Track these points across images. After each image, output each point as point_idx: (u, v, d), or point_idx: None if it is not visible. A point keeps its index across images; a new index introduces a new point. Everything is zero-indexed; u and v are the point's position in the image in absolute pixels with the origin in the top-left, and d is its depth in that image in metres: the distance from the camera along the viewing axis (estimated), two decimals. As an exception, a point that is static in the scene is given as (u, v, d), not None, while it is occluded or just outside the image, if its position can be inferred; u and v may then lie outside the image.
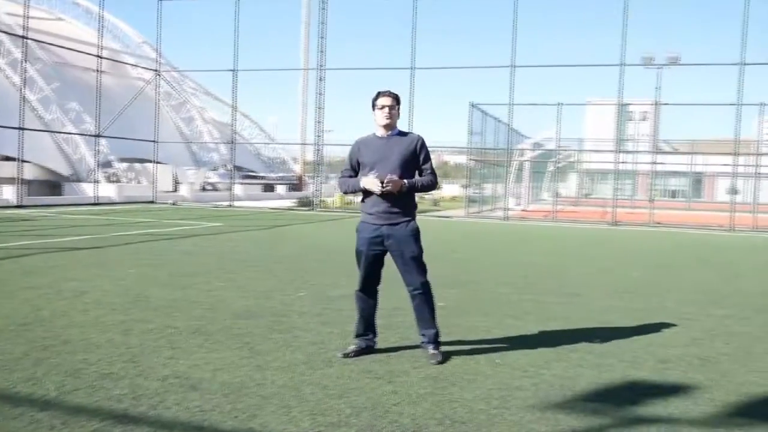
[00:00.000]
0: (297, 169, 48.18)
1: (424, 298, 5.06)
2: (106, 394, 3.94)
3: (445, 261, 11.03)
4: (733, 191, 24.89)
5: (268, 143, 52.90)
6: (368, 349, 5.10)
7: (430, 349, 4.98)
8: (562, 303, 7.41)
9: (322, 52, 26.61)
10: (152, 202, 28.15)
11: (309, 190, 36.39)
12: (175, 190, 34.33)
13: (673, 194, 58.23)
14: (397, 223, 4.92)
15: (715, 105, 24.49)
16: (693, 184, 55.04)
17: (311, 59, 30.08)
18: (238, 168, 37.92)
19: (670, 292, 8.52)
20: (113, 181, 35.20)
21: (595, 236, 18.56)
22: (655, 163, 25.35)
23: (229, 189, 29.91)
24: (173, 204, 27.75)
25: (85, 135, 33.43)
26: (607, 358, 5.17)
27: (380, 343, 5.36)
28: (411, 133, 5.14)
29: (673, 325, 6.46)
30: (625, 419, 3.87)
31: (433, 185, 5.04)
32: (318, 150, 27.44)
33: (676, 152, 48.87)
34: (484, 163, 30.49)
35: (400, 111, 5.07)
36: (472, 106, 26.20)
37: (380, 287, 5.27)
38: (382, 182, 4.77)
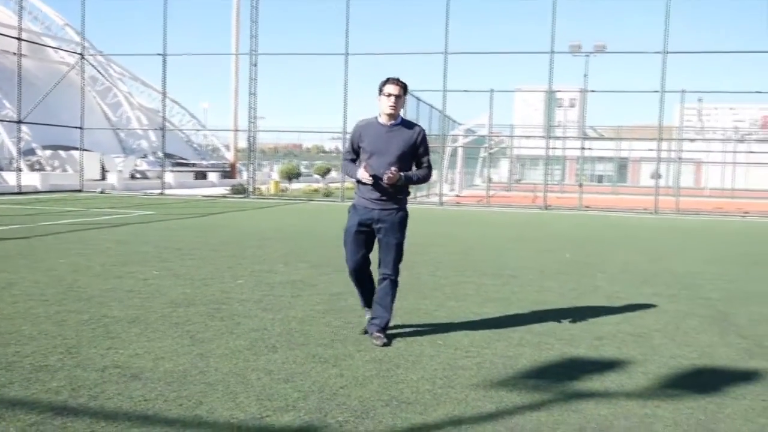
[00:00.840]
0: (229, 156, 47.37)
1: (391, 285, 5.11)
2: (43, 387, 3.82)
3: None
4: (657, 176, 25.80)
5: (200, 130, 51.88)
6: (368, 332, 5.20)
7: (375, 332, 5.02)
8: (500, 285, 7.56)
9: (254, 37, 26.20)
10: (79, 190, 27.22)
11: (242, 177, 35.92)
12: (103, 179, 33.26)
13: (600, 179, 60.02)
14: (389, 210, 4.98)
15: (639, 92, 25.33)
16: (618, 169, 56.83)
17: (243, 44, 29.54)
18: (169, 155, 37.03)
19: (601, 272, 8.80)
20: (37, 170, 33.86)
21: (528, 220, 18.99)
22: (583, 148, 26.05)
23: (160, 177, 29.20)
24: (101, 192, 26.92)
25: (5, 121, 32.01)
26: (545, 336, 5.32)
27: (324, 327, 5.38)
28: (414, 124, 5.11)
29: (606, 303, 6.69)
30: (565, 394, 3.99)
31: (428, 178, 5.10)
32: (251, 137, 27.06)
33: (602, 138, 50.35)
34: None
35: (405, 99, 5.04)
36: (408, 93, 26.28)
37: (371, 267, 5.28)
38: (374, 176, 4.83)
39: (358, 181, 5.00)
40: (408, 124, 5.03)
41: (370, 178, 4.85)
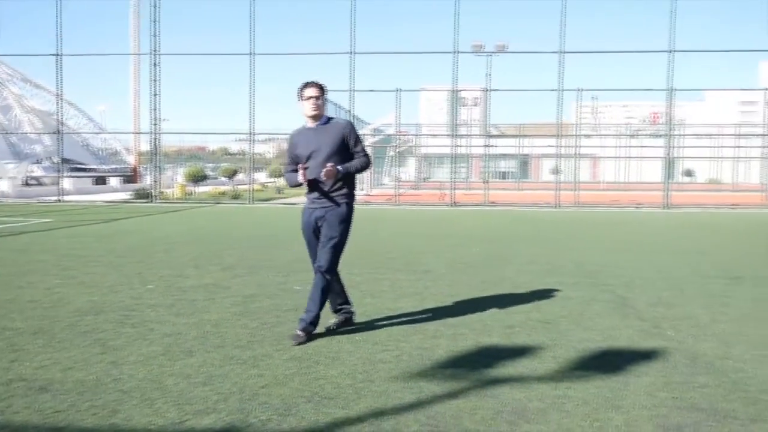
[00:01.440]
0: (131, 160, 45.77)
1: (322, 279, 5.14)
2: (-56, 404, 3.61)
3: (298, 246, 11.03)
4: (556, 171, 26.83)
5: (99, 133, 49.86)
6: (347, 322, 5.40)
7: (298, 329, 5.04)
8: (414, 280, 7.70)
9: (155, 36, 25.45)
10: (-33, 199, 25.65)
11: (145, 181, 34.80)
12: (-6, 186, 31.45)
13: (504, 175, 61.80)
14: (328, 207, 5.15)
15: (538, 91, 26.43)
16: (521, 166, 58.69)
17: (143, 44, 28.62)
18: (66, 160, 35.40)
19: (509, 264, 9.10)
20: None
21: (437, 217, 19.34)
22: (487, 146, 26.76)
23: (57, 183, 27.90)
24: (-7, 201, 25.46)
25: None
26: (459, 327, 5.47)
27: (240, 329, 5.33)
28: (339, 119, 5.31)
29: (515, 293, 6.94)
30: (481, 381, 4.12)
31: (367, 166, 5.24)
32: (154, 139, 26.28)
33: (505, 136, 51.80)
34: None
35: (325, 99, 5.24)
36: (313, 92, 26.19)
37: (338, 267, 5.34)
38: (315, 180, 5.04)
39: (301, 184, 5.18)
40: (334, 121, 5.22)
41: (304, 177, 5.03)
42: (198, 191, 31.69)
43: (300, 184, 5.18)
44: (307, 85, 5.13)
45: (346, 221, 5.20)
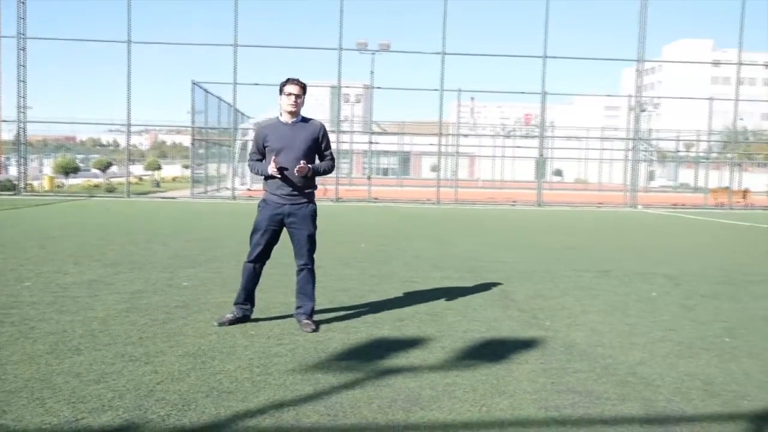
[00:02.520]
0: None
1: (309, 274, 5.42)
2: None
3: (182, 241, 10.81)
4: (437, 168, 27.60)
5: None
6: (244, 318, 5.43)
7: (304, 319, 5.28)
8: (303, 275, 7.76)
9: (22, 18, 23.92)
10: None
11: (8, 172, 32.61)
12: None
13: (385, 172, 62.70)
14: (299, 204, 5.29)
15: (420, 90, 27.10)
16: (402, 162, 59.73)
17: (7, 26, 26.79)
18: None
19: (396, 259, 9.35)
20: None
21: (321, 212, 19.32)
22: (370, 143, 27.14)
23: None
24: None
25: None
26: (352, 321, 5.62)
27: (129, 326, 5.22)
28: (314, 120, 5.39)
29: (403, 287, 7.17)
30: (375, 372, 4.28)
31: (332, 169, 5.49)
32: (21, 128, 24.70)
33: (387, 133, 52.57)
34: (208, 143, 30.00)
35: (305, 98, 5.31)
36: (195, 84, 25.57)
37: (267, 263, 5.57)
38: (282, 169, 5.12)
39: (267, 177, 5.28)
40: (309, 121, 5.34)
41: (277, 171, 5.13)
42: (69, 184, 30.09)
43: (269, 176, 5.23)
44: (289, 81, 5.22)
45: (316, 218, 5.45)
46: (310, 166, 5.19)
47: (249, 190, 31.54)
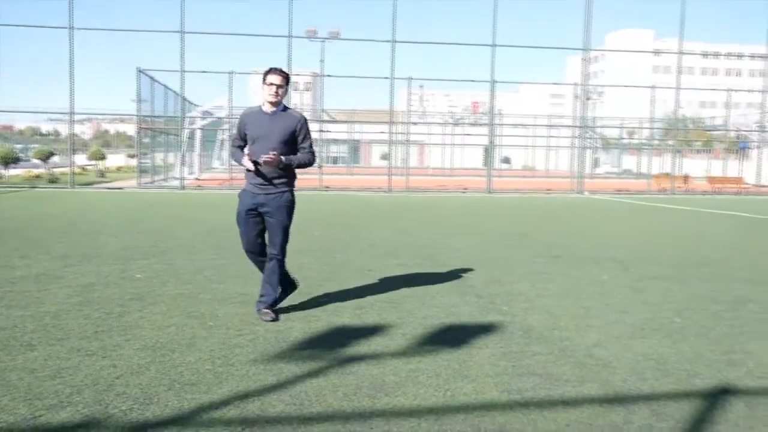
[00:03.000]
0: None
1: (277, 264, 5.36)
2: None
3: (133, 233, 10.59)
4: (387, 156, 27.64)
5: None
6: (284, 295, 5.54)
7: (263, 308, 5.27)
8: (259, 265, 7.69)
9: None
10: None
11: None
12: None
13: (335, 160, 62.51)
14: (273, 194, 5.26)
15: (371, 78, 26.92)
16: (352, 151, 59.64)
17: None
18: None
19: (352, 247, 9.35)
20: None
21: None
22: (321, 131, 26.99)
23: None
24: None
25: None
26: (311, 310, 5.60)
27: (83, 320, 5.10)
28: (295, 111, 5.38)
29: (361, 275, 7.17)
30: (338, 360, 4.28)
31: (310, 163, 5.40)
32: (-44, 117, 23.76)
33: (336, 121, 52.36)
34: (154, 132, 29.39)
35: (287, 88, 5.30)
36: (140, 71, 24.99)
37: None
38: (255, 162, 5.12)
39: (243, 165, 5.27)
40: (289, 112, 5.31)
41: (252, 165, 5.13)
42: (9, 175, 29.12)
43: (243, 165, 5.26)
44: (272, 70, 5.20)
45: (291, 208, 5.37)
46: (282, 158, 5.12)
47: (198, 179, 31.08)
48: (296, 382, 3.85)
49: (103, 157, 45.20)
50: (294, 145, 5.28)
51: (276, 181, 5.25)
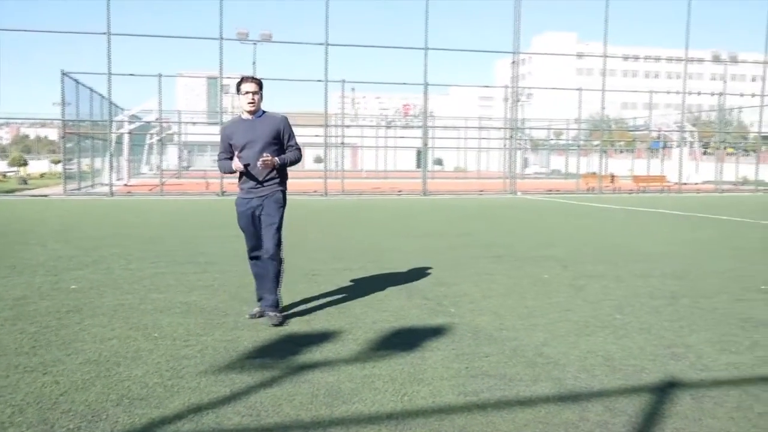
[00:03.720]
0: None
1: (271, 264, 5.43)
2: None
3: (62, 242, 10.18)
4: (321, 160, 27.50)
5: None
6: (263, 315, 5.43)
7: (269, 312, 5.34)
8: (200, 272, 7.52)
9: None
10: None
11: None
12: None
13: (268, 164, 61.72)
14: (264, 195, 5.39)
15: (304, 81, 26.61)
16: (285, 154, 59.04)
17: None
18: None
19: (295, 251, 9.19)
20: None
21: (208, 207, 18.90)
22: (255, 134, 26.53)
23: None
24: None
25: None
26: (259, 318, 5.49)
27: (18, 335, 4.87)
28: (275, 114, 5.52)
29: (307, 281, 7.10)
30: (291, 368, 4.22)
31: (299, 159, 5.54)
32: None
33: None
34: (80, 136, 28.41)
35: (262, 94, 5.40)
36: (64, 74, 24.11)
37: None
38: (246, 165, 5.24)
39: (240, 175, 5.38)
40: (270, 115, 5.45)
41: (242, 167, 5.24)
42: None
43: (233, 172, 5.38)
44: (244, 79, 5.34)
45: (282, 206, 5.48)
46: (276, 159, 5.28)
47: (126, 185, 30.22)
48: (250, 393, 3.77)
49: (24, 163, 43.50)
50: (280, 146, 5.41)
51: (267, 183, 5.38)
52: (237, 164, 5.29)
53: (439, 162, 62.60)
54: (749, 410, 3.60)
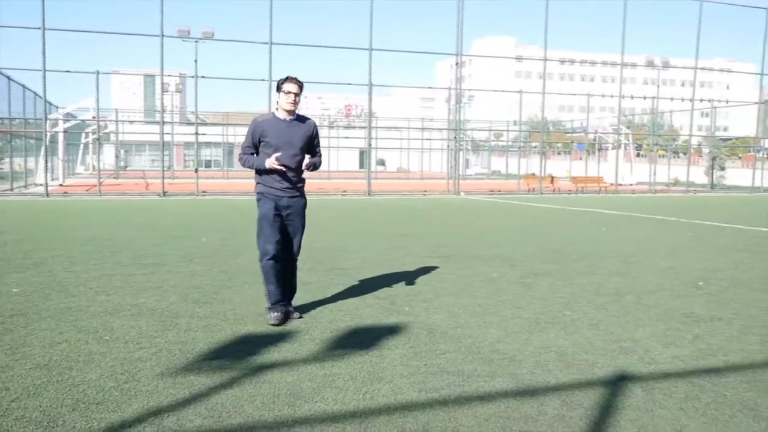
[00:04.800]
0: None
1: (295, 265, 5.71)
2: None
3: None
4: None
5: None
6: (288, 315, 5.46)
7: (291, 309, 5.55)
8: (148, 273, 7.38)
9: None
10: None
11: None
12: None
13: (208, 164, 60.92)
14: (295, 197, 5.49)
15: (248, 80, 26.21)
16: (227, 154, 58.35)
17: None
18: None
19: (242, 253, 9.14)
20: None
21: (151, 207, 18.49)
22: (197, 134, 26.16)
23: None
24: None
25: None
26: (211, 318, 5.44)
27: (-39, 340, 4.68)
28: (308, 118, 5.55)
29: (257, 281, 6.99)
30: (250, 369, 4.19)
31: (320, 164, 5.63)
32: None
33: (209, 124, 51.02)
34: (12, 135, 27.42)
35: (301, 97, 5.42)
36: (-5, 70, 23.22)
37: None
38: (284, 165, 5.28)
39: (259, 171, 5.42)
40: (303, 119, 5.50)
41: (279, 166, 5.25)
42: None
43: (265, 169, 5.34)
44: (288, 79, 5.35)
45: (305, 211, 5.66)
46: (314, 161, 5.49)
47: (62, 185, 29.31)
48: (210, 394, 3.74)
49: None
50: (310, 150, 5.53)
51: (298, 185, 5.51)
52: (272, 163, 5.26)
53: (381, 162, 62.80)
54: (696, 400, 3.76)
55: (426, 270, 7.97)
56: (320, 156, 5.64)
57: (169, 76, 38.98)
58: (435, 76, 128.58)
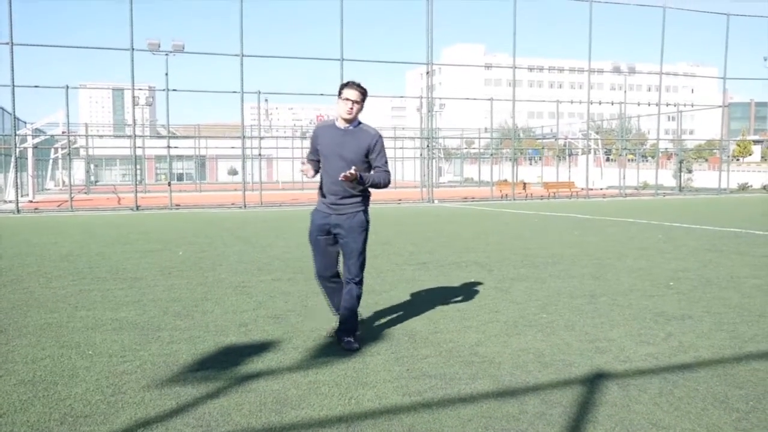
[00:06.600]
0: None
1: (356, 288, 5.07)
2: None
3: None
4: (235, 172, 27.21)
5: None
6: (341, 340, 5.04)
7: (345, 338, 4.96)
8: (126, 288, 7.38)
9: None
10: None
11: None
12: None
13: (180, 177, 60.55)
14: (345, 214, 4.97)
15: (219, 92, 25.96)
16: (198, 167, 58.03)
17: None
18: None
19: (220, 265, 9.18)
20: None
21: (124, 222, 18.36)
22: (169, 147, 26.05)
23: None
24: None
25: None
26: (194, 331, 5.48)
27: (-58, 359, 4.67)
28: (370, 128, 5.03)
29: (237, 292, 7.09)
30: (235, 379, 4.25)
31: (386, 183, 5.02)
32: None
33: (180, 137, 50.74)
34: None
35: (364, 105, 4.95)
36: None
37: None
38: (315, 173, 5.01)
39: (321, 184, 5.07)
40: (363, 128, 4.99)
41: (310, 172, 5.04)
42: None
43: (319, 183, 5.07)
44: (349, 84, 4.92)
45: (365, 230, 5.07)
46: (360, 174, 4.81)
47: (32, 201, 28.95)
48: (197, 405, 3.79)
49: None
50: (367, 163, 4.97)
51: (348, 201, 4.97)
52: (306, 168, 5.06)
53: (354, 172, 62.77)
54: (670, 395, 3.90)
55: (404, 277, 8.07)
56: (385, 173, 4.99)
57: (139, 89, 38.71)
58: (405, 85, 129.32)
